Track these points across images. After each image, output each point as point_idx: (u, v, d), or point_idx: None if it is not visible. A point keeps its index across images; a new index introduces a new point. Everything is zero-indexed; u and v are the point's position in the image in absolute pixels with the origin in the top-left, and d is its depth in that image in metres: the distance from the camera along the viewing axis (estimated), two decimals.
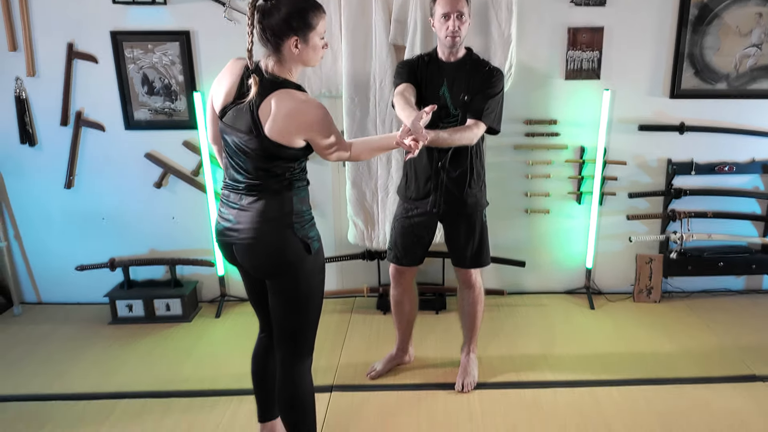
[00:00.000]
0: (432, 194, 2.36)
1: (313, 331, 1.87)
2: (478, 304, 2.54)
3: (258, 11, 1.60)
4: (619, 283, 3.45)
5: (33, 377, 2.68)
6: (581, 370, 2.67)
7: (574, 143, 3.22)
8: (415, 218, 2.42)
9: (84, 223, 3.30)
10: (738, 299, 3.40)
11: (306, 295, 1.79)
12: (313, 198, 3.24)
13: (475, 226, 2.42)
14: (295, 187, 1.74)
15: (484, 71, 2.28)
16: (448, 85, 2.29)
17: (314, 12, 1.64)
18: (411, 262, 2.50)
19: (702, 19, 3.05)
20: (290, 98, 1.62)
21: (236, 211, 1.73)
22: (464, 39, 2.27)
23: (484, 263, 2.48)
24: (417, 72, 2.33)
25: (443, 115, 2.28)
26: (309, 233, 1.76)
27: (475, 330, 2.60)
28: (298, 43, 1.63)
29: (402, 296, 2.59)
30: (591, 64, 3.10)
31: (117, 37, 3.02)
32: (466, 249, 2.43)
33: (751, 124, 3.22)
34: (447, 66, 2.31)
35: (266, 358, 2.01)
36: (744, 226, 3.37)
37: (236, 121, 1.67)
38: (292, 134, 1.64)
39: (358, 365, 2.72)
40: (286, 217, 1.71)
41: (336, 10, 2.93)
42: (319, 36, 1.68)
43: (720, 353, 2.80)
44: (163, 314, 3.20)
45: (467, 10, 2.22)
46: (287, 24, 1.60)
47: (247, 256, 1.76)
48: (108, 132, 3.18)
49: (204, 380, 2.62)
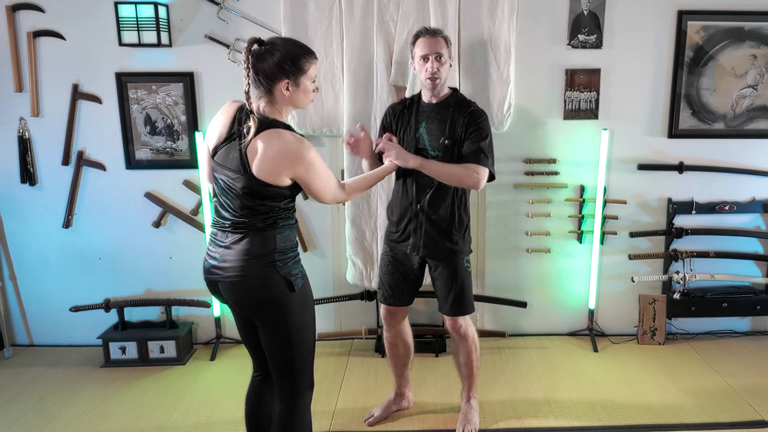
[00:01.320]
0: (412, 237, 2.32)
1: (309, 366, 1.87)
2: (472, 353, 2.46)
3: (252, 55, 1.66)
4: (623, 324, 3.39)
5: (22, 422, 2.60)
6: (585, 416, 2.59)
7: (574, 182, 3.23)
8: (399, 257, 2.40)
9: (81, 263, 3.28)
10: (743, 341, 3.34)
11: (296, 330, 1.79)
12: (312, 237, 3.27)
13: (456, 273, 2.33)
14: (279, 225, 1.76)
15: (467, 112, 2.24)
16: (426, 127, 2.28)
17: (306, 58, 1.72)
18: (399, 302, 2.46)
19: (697, 61, 3.10)
20: (278, 137, 1.66)
21: (222, 249, 1.76)
22: (445, 80, 2.27)
23: (466, 311, 2.39)
24: (394, 118, 2.36)
25: (422, 156, 2.25)
26: (292, 270, 1.78)
27: (473, 378, 2.52)
28: (290, 86, 1.70)
29: (395, 338, 2.54)
30: (589, 105, 3.13)
31: (122, 78, 3.07)
32: (447, 296, 2.36)
33: (750, 164, 3.23)
34: (427, 107, 2.30)
35: (260, 399, 1.99)
36: (747, 265, 3.34)
37: (226, 160, 1.72)
38: (278, 173, 1.67)
39: (356, 410, 2.64)
40: (269, 255, 1.74)
41: (338, 51, 2.98)
42: (310, 80, 1.75)
43: (727, 398, 2.73)
44: (156, 356, 3.13)
45: (447, 52, 2.23)
46: (279, 68, 1.67)
47: (232, 293, 1.78)
48: (109, 171, 3.19)
49: (196, 427, 2.54)
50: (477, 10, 2.94)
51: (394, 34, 2.96)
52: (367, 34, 2.96)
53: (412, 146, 2.28)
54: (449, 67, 2.28)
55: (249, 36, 1.66)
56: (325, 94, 3.03)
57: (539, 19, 3.05)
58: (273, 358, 1.84)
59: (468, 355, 2.46)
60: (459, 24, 2.94)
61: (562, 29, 3.06)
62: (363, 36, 2.96)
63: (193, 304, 3.24)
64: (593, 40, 3.06)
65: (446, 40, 2.25)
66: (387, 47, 2.97)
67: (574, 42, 3.06)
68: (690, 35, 3.06)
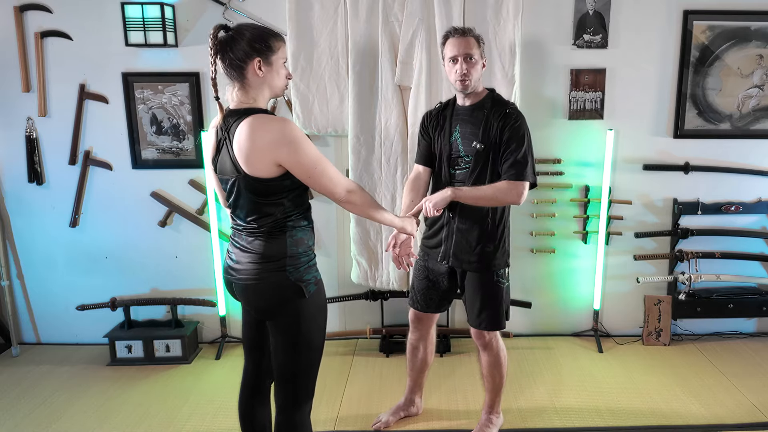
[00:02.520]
0: (443, 244, 2.27)
1: (313, 376, 1.83)
2: (495, 368, 2.34)
3: (220, 42, 1.63)
4: (628, 325, 3.38)
5: (30, 419, 2.62)
6: (590, 417, 2.59)
7: (579, 182, 3.22)
8: (430, 264, 2.36)
9: (87, 262, 3.29)
10: (749, 342, 3.32)
11: (305, 337, 1.76)
12: (317, 237, 3.27)
13: (487, 286, 2.24)
14: (289, 228, 1.71)
15: (502, 114, 2.15)
16: (460, 131, 2.20)
17: (274, 37, 1.68)
18: (426, 308, 2.39)
19: (703, 61, 3.09)
20: (255, 123, 1.59)
21: (239, 251, 1.76)
22: (477, 81, 2.17)
23: (492, 327, 2.27)
24: (430, 123, 2.31)
25: (455, 162, 2.21)
26: (304, 276, 1.73)
27: (495, 392, 2.41)
28: (261, 65, 1.64)
29: (418, 342, 2.48)
30: (594, 105, 3.13)
31: (128, 78, 3.08)
32: (472, 307, 2.28)
33: (756, 164, 3.22)
34: (461, 110, 2.22)
35: (253, 406, 1.94)
36: (753, 266, 3.33)
37: (223, 169, 1.69)
38: (264, 162, 1.60)
39: (359, 415, 2.63)
40: (280, 260, 1.70)
41: (343, 51, 2.99)
42: (282, 60, 1.70)
43: (733, 400, 2.71)
44: (162, 355, 3.14)
45: (478, 52, 2.13)
46: (250, 46, 1.62)
47: (244, 296, 1.77)
48: (115, 171, 3.20)
49: (201, 425, 2.56)
50: (482, 10, 2.94)
51: (399, 34, 2.96)
52: (372, 34, 2.96)
53: (446, 153, 2.22)
54: (482, 67, 2.18)
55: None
56: (330, 95, 3.04)
57: (544, 19, 3.04)
58: (278, 363, 1.80)
59: (489, 368, 2.35)
60: (464, 24, 2.94)
61: (567, 29, 3.06)
62: (368, 36, 2.96)
63: (199, 303, 3.25)
64: (598, 40, 3.05)
65: (478, 39, 2.15)
66: (392, 47, 2.98)
67: (579, 42, 3.06)
68: (696, 35, 3.05)
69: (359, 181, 3.06)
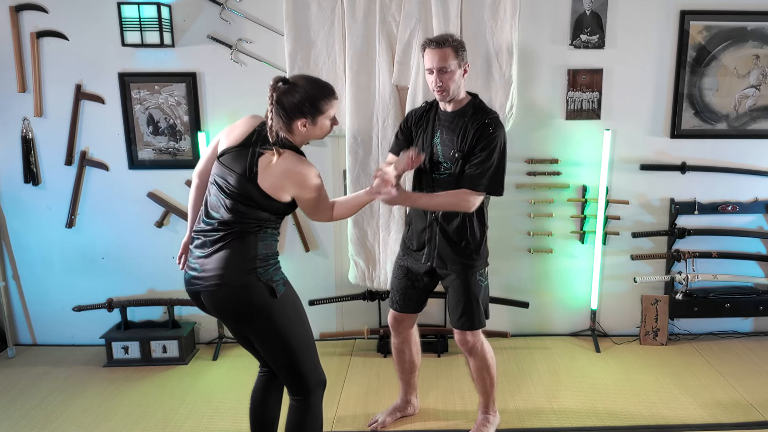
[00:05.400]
0: (426, 246, 2.29)
1: (311, 363, 1.88)
2: (484, 371, 2.36)
3: (276, 91, 1.73)
4: (625, 324, 3.39)
5: (26, 421, 2.61)
6: (587, 416, 2.59)
7: (576, 182, 3.22)
8: (409, 264, 2.38)
9: (83, 263, 3.28)
10: (746, 342, 3.33)
11: (287, 333, 1.81)
12: (314, 237, 3.27)
13: (468, 286, 2.26)
14: (263, 233, 1.80)
15: (481, 124, 2.14)
16: (441, 137, 2.21)
17: (326, 100, 1.78)
18: (406, 308, 2.42)
19: (700, 61, 3.10)
20: (291, 158, 1.75)
21: (202, 259, 1.79)
22: (457, 89, 2.15)
23: (472, 326, 2.28)
24: (413, 126, 2.32)
25: (436, 167, 2.22)
26: (273, 277, 1.80)
27: (487, 394, 2.43)
28: (307, 124, 1.78)
29: (402, 345, 2.50)
30: (591, 105, 3.13)
31: (125, 79, 3.07)
32: (455, 308, 2.29)
33: (752, 164, 3.23)
34: (443, 116, 2.23)
35: (266, 396, 2.01)
36: (749, 266, 3.33)
37: (233, 163, 1.77)
38: (282, 189, 1.75)
39: (357, 415, 2.63)
40: (250, 261, 1.76)
41: (340, 52, 2.99)
42: (328, 118, 1.81)
43: (730, 399, 2.72)
44: (159, 356, 3.13)
45: (455, 62, 2.10)
46: (298, 108, 1.74)
47: (213, 302, 1.79)
48: (111, 171, 3.19)
49: (198, 426, 2.55)
50: (479, 11, 2.94)
51: (396, 34, 2.96)
52: (369, 35, 2.96)
53: (428, 155, 2.22)
54: (464, 73, 2.17)
55: (250, 35, 1.67)
56: None
57: (541, 20, 3.04)
58: (272, 362, 1.87)
59: (479, 371, 2.37)
60: (461, 24, 2.94)
61: (564, 29, 3.06)
62: (365, 36, 2.96)
63: None
64: (595, 40, 3.06)
65: (455, 48, 2.11)
66: (389, 47, 2.98)
67: (576, 42, 3.06)
68: (692, 35, 3.06)
69: (356, 181, 3.06)
